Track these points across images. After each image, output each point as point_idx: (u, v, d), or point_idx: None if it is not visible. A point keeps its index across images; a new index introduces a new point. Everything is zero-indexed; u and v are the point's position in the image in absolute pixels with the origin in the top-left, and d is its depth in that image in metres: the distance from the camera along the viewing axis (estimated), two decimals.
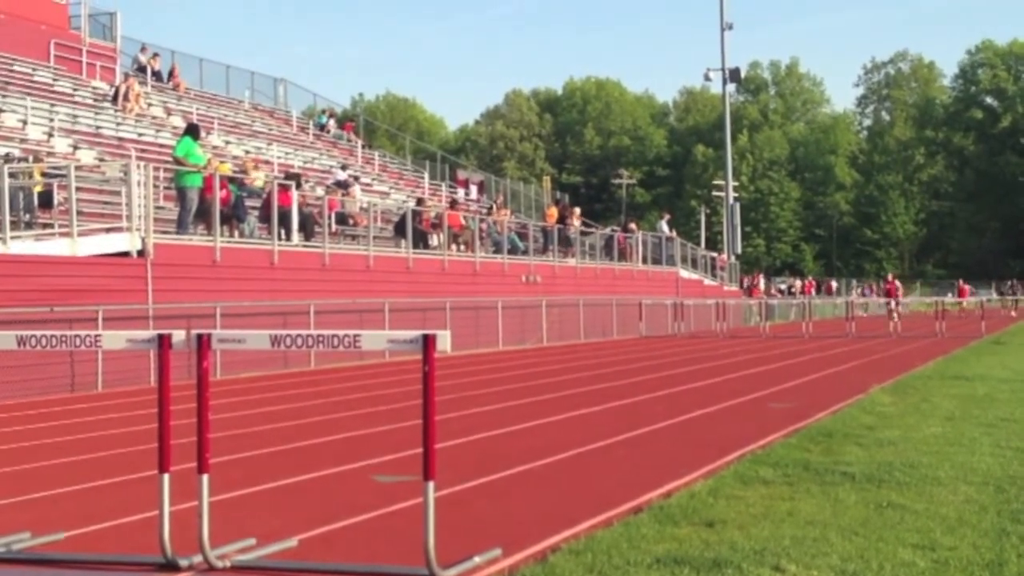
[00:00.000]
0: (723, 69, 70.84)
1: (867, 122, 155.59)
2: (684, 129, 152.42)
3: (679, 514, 8.66)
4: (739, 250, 70.34)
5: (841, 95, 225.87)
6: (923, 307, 68.02)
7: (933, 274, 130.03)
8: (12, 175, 22.77)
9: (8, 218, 21.72)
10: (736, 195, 78.64)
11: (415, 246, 33.72)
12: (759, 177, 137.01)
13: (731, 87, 77.05)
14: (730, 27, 70.36)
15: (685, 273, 54.80)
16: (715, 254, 66.05)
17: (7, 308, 19.66)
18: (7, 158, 25.30)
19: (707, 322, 50.93)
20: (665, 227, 56.74)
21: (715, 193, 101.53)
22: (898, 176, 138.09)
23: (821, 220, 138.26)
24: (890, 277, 59.99)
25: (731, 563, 7.06)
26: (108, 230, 24.00)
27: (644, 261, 51.56)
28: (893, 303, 52.33)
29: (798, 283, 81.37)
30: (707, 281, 58.01)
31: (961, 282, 66.84)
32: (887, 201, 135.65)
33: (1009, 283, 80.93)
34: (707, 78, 75.33)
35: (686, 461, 11.39)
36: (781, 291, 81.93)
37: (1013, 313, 61.75)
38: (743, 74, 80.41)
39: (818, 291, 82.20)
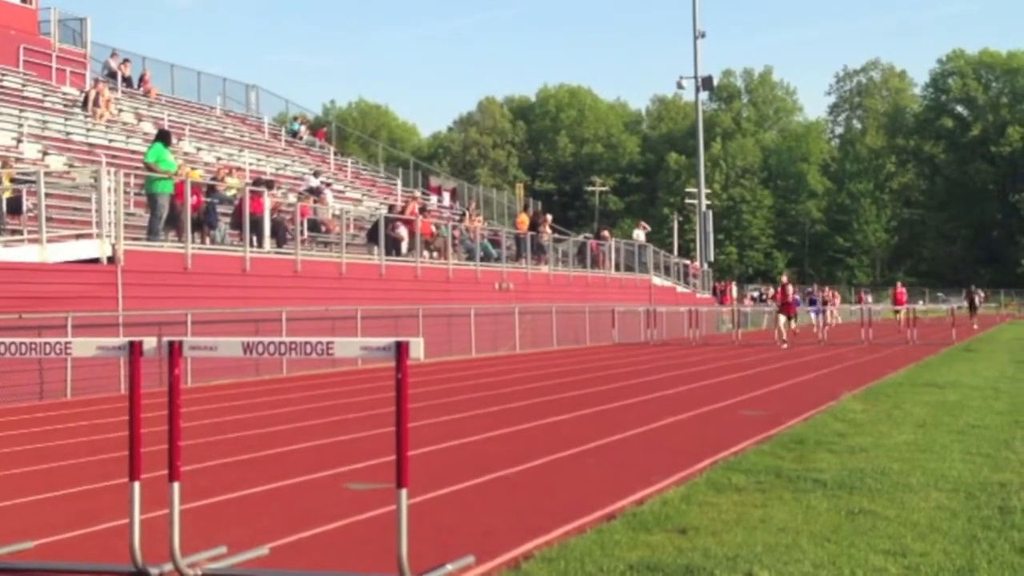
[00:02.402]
0: (696, 77, 70.96)
1: (839, 130, 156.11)
2: (657, 137, 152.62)
3: (652, 521, 8.65)
4: (711, 257, 70.48)
5: (813, 103, 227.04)
6: (893, 315, 68.15)
7: (904, 281, 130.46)
8: None
9: None
10: (709, 203, 78.85)
11: (388, 253, 33.69)
12: (732, 185, 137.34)
13: (704, 95, 77.27)
14: (703, 35, 70.50)
15: (658, 280, 54.91)
16: (688, 261, 66.22)
17: None
18: None
19: (680, 329, 51.02)
20: (642, 236, 56.90)
21: (688, 201, 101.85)
22: (869, 184, 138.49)
23: (793, 228, 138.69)
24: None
25: (704, 570, 7.06)
26: (78, 236, 23.91)
27: (617, 268, 51.65)
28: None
29: (771, 291, 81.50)
30: (680, 288, 58.14)
31: (899, 286, 63.86)
32: (859, 209, 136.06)
33: (965, 291, 77.35)
34: (680, 86, 75.42)
35: (659, 468, 11.39)
36: (754, 298, 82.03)
37: (975, 326, 59.04)
38: (716, 82, 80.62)
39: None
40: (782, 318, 43.21)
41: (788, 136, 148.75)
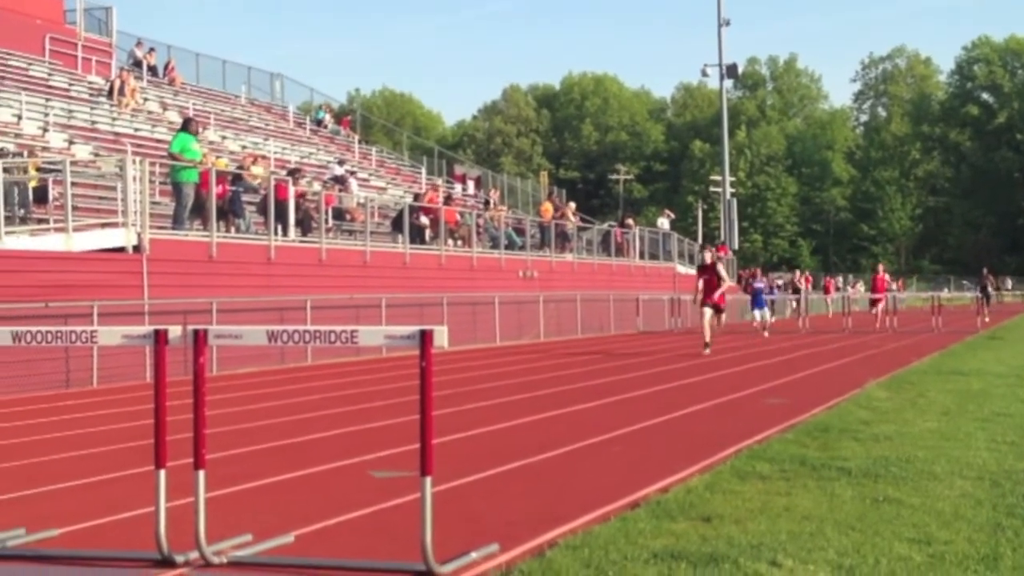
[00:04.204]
0: (720, 65, 70.79)
1: (864, 118, 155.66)
2: (681, 125, 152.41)
3: (676, 509, 8.64)
4: (736, 245, 70.35)
5: (838, 91, 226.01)
6: (919, 302, 67.85)
7: (929, 269, 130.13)
8: (7, 170, 22.79)
9: (3, 213, 21.71)
10: (733, 190, 78.66)
11: (412, 241, 33.72)
12: (756, 172, 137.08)
13: (728, 83, 77.00)
14: (727, 23, 70.36)
15: (682, 268, 54.80)
16: (713, 248, 66.04)
17: (2, 304, 19.65)
18: (2, 153, 25.30)
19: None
20: (666, 224, 56.82)
21: (712, 188, 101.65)
22: (894, 172, 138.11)
23: (818, 215, 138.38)
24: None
25: (728, 558, 7.05)
26: (103, 225, 23.99)
27: (641, 256, 51.62)
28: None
29: (797, 275, 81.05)
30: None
31: (881, 269, 52.18)
32: (883, 197, 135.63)
33: (978, 279, 67.32)
34: (704, 74, 75.27)
35: (683, 456, 11.38)
36: (778, 286, 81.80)
37: (987, 319, 48.79)
38: (741, 70, 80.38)
39: (815, 287, 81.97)
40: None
41: (813, 124, 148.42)
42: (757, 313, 44.35)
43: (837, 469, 10.38)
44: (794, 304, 56.42)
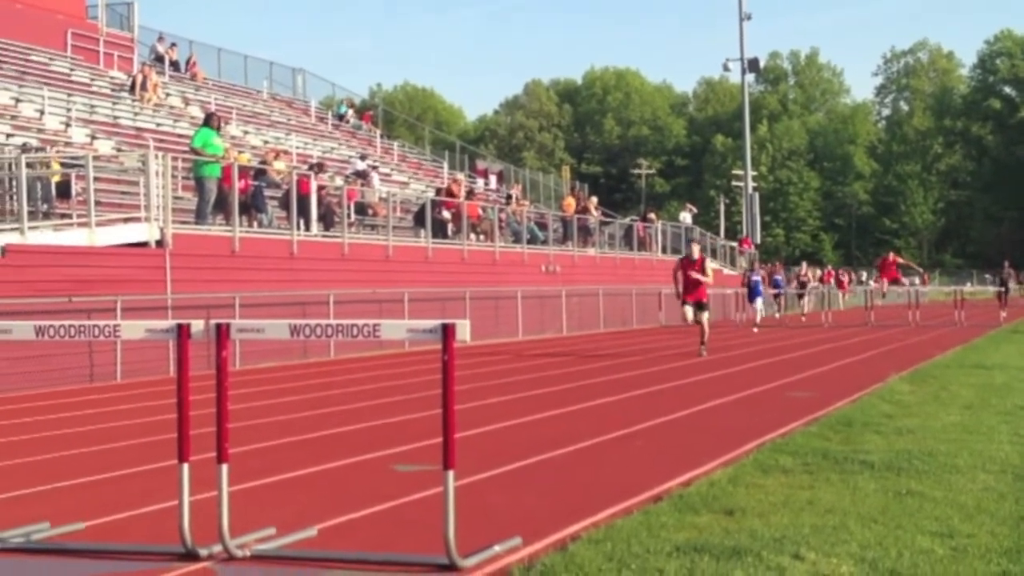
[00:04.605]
0: (742, 59, 70.66)
1: (886, 112, 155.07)
2: (703, 119, 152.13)
3: (699, 502, 8.66)
4: (758, 240, 70.22)
5: (860, 85, 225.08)
6: (941, 296, 67.53)
7: (951, 263, 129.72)
8: (30, 165, 22.85)
9: (26, 208, 21.78)
10: (755, 185, 78.51)
11: (434, 236, 33.75)
12: (778, 167, 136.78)
13: (750, 77, 76.93)
14: (749, 17, 70.14)
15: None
16: (734, 243, 65.96)
17: (25, 298, 19.73)
18: (25, 148, 25.42)
19: (727, 311, 50.92)
20: (688, 218, 56.79)
21: (734, 183, 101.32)
22: (916, 166, 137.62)
23: (840, 209, 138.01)
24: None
25: (751, 551, 7.06)
26: (126, 220, 24.05)
27: (664, 251, 51.56)
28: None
29: (817, 272, 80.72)
30: (727, 271, 57.97)
31: (890, 256, 49.16)
32: (906, 191, 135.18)
33: (998, 272, 64.34)
34: (726, 68, 75.09)
35: (706, 450, 11.39)
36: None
37: (1004, 314, 46.23)
38: (762, 64, 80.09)
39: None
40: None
41: (835, 118, 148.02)
42: (757, 306, 43.06)
43: (860, 462, 10.38)
44: (799, 299, 54.86)
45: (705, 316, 27.26)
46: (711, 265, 28.34)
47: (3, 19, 38.76)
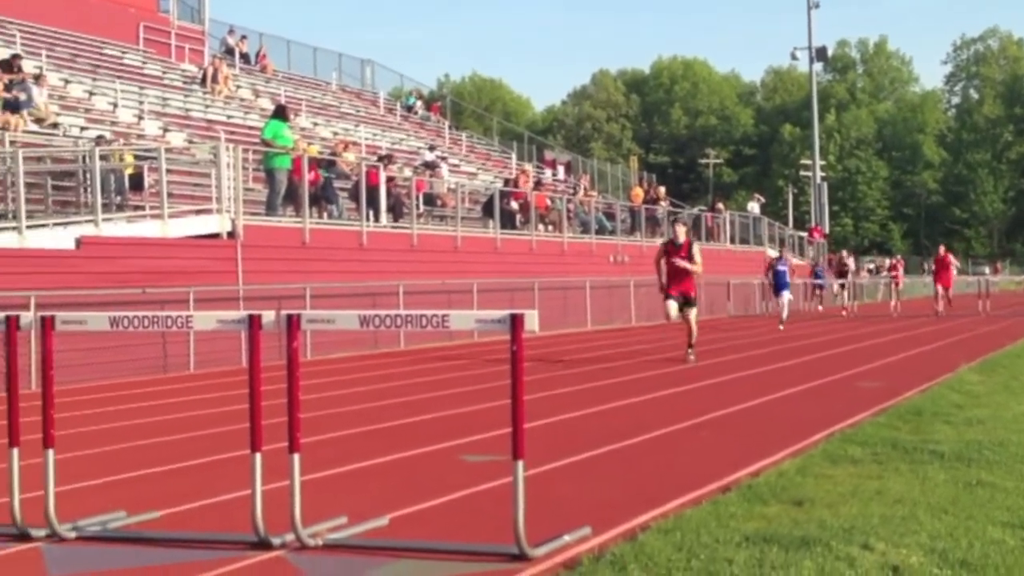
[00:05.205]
0: (810, 48, 70.35)
1: (955, 100, 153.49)
2: (771, 108, 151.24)
3: (767, 493, 8.65)
4: (827, 229, 69.86)
5: (929, 73, 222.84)
6: (1012, 285, 67.03)
7: (1022, 252, 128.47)
8: (104, 157, 23.08)
9: (100, 200, 22.01)
10: (823, 174, 78.08)
11: (503, 226, 33.80)
12: (846, 156, 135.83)
13: (818, 66, 76.66)
14: (817, 5, 69.82)
15: (773, 253, 54.47)
16: (803, 233, 65.65)
17: (100, 290, 19.94)
18: (99, 141, 25.64)
19: (794, 301, 50.66)
20: (757, 208, 56.58)
21: (802, 172, 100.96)
22: (986, 154, 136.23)
23: (909, 199, 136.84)
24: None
25: (820, 541, 7.05)
26: (198, 212, 24.25)
27: (732, 241, 51.41)
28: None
29: (887, 262, 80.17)
30: (795, 260, 57.69)
31: (942, 250, 45.02)
32: (975, 179, 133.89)
33: None
34: (794, 57, 74.85)
35: (774, 440, 11.38)
36: (870, 270, 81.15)
37: None
38: (830, 53, 79.61)
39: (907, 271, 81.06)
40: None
41: (903, 106, 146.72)
42: (783, 298, 37.00)
43: (930, 453, 10.34)
44: (835, 288, 52.13)
45: (693, 313, 23.13)
46: (698, 247, 23.91)
47: (77, 14, 39.17)
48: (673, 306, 22.84)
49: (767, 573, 6.49)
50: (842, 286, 50.68)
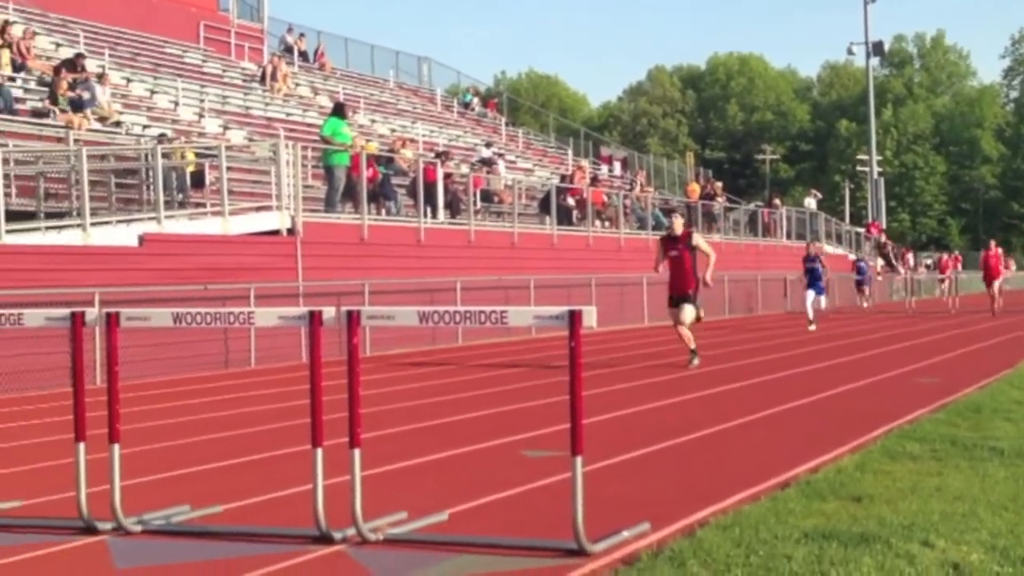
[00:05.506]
0: (866, 43, 70.09)
1: (1014, 94, 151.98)
2: (827, 104, 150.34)
3: (826, 489, 8.66)
4: (884, 225, 69.49)
5: (987, 67, 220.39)
6: None
7: None
8: (165, 155, 23.27)
9: (162, 198, 22.20)
10: (880, 170, 77.78)
11: (559, 223, 33.84)
12: (903, 151, 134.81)
13: (875, 61, 76.20)
14: (873, 0, 69.49)
15: (829, 248, 54.29)
16: (860, 229, 65.33)
17: (162, 286, 20.12)
18: (161, 139, 25.86)
19: (851, 297, 50.47)
20: (813, 204, 56.38)
21: (859, 168, 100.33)
22: None
23: (967, 194, 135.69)
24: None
25: (879, 538, 7.06)
26: (258, 209, 24.44)
27: (788, 236, 51.24)
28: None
29: (945, 257, 79.55)
30: (851, 256, 57.44)
31: (993, 245, 42.80)
32: None
33: None
34: (850, 52, 74.59)
35: (832, 436, 11.36)
36: (927, 266, 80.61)
37: None
38: (887, 47, 79.25)
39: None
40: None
41: (961, 101, 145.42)
42: (810, 297, 33.83)
43: (989, 449, 10.31)
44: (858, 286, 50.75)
45: (687, 313, 20.54)
46: (703, 238, 22.51)
47: (139, 13, 39.53)
48: (677, 309, 20.63)
49: (826, 570, 6.49)
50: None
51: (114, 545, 7.51)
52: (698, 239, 21.03)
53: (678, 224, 20.99)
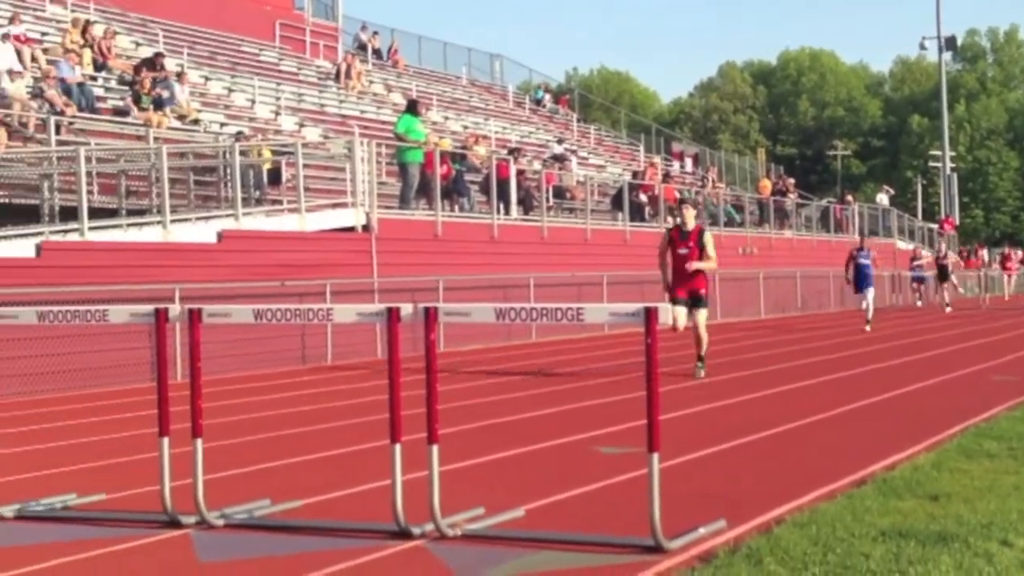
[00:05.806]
0: (939, 37, 69.46)
1: None
2: (899, 99, 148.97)
3: (903, 487, 8.64)
4: (957, 221, 68.89)
5: None
6: None
7: None
8: (243, 153, 23.47)
9: (240, 195, 22.40)
10: (953, 165, 77.02)
11: (632, 219, 33.83)
12: (976, 147, 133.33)
13: (947, 55, 75.50)
14: None
15: (902, 244, 53.93)
16: (933, 225, 64.82)
17: (240, 282, 20.30)
18: (238, 136, 26.09)
19: (925, 294, 50.10)
20: (886, 200, 55.99)
21: (931, 163, 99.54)
22: None
23: None
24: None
25: (957, 537, 7.04)
26: (334, 206, 24.62)
27: (860, 233, 50.91)
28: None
29: (1021, 253, 78.62)
30: (924, 252, 57.01)
31: (1007, 249, 41.36)
32: None
33: None
34: (923, 47, 73.98)
35: (908, 434, 11.34)
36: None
37: None
38: (960, 42, 78.52)
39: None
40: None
41: None
42: (868, 298, 31.74)
43: None
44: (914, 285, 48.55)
45: (702, 316, 18.86)
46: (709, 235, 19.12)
47: (216, 12, 39.87)
48: (682, 312, 18.51)
49: (904, 568, 6.48)
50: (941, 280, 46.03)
51: (198, 539, 7.63)
52: (708, 239, 18.60)
53: (690, 217, 18.75)
